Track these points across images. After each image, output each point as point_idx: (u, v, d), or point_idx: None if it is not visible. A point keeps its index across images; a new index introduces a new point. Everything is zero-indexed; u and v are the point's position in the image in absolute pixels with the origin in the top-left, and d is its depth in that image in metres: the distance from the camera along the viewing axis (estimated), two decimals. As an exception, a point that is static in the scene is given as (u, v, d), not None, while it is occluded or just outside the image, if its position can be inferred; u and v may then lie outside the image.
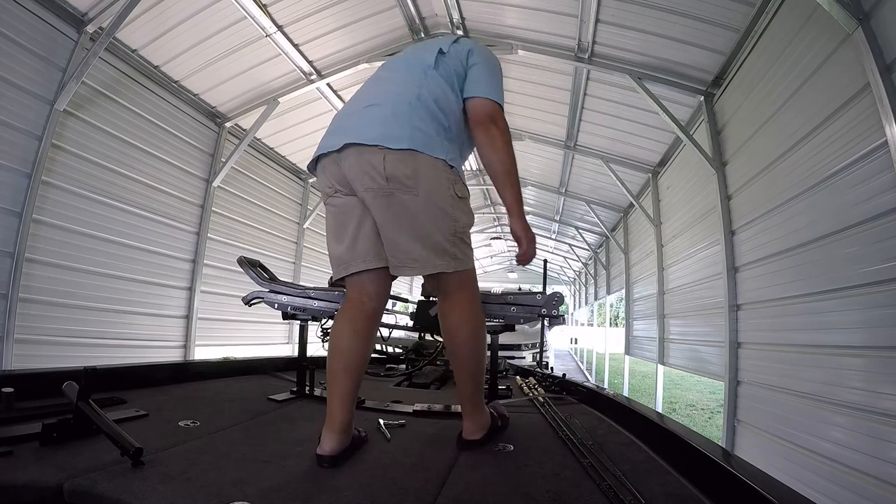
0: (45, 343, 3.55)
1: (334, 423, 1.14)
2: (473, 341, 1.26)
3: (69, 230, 3.73)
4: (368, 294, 1.27)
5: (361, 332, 1.24)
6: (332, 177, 1.24)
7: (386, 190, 1.16)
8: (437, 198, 1.19)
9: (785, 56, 2.91)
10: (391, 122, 1.18)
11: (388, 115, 1.19)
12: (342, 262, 1.27)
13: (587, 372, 12.74)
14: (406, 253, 1.20)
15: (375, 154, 1.16)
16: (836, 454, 2.39)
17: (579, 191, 8.00)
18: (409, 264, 1.21)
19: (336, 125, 1.28)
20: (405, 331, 3.54)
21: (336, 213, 1.28)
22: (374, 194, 1.17)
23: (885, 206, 2.13)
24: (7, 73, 3.17)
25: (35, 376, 1.52)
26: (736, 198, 3.71)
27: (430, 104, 1.21)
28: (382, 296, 1.30)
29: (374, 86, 1.33)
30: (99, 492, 0.86)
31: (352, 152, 1.18)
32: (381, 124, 1.18)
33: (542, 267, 3.46)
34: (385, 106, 1.22)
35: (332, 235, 1.30)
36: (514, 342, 6.68)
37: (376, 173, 1.16)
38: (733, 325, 3.67)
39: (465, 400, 1.29)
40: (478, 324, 1.29)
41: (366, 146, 1.17)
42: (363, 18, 4.57)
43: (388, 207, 1.18)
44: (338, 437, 1.13)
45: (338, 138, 1.21)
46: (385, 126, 1.18)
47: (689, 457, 1.06)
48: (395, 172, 1.15)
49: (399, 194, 1.16)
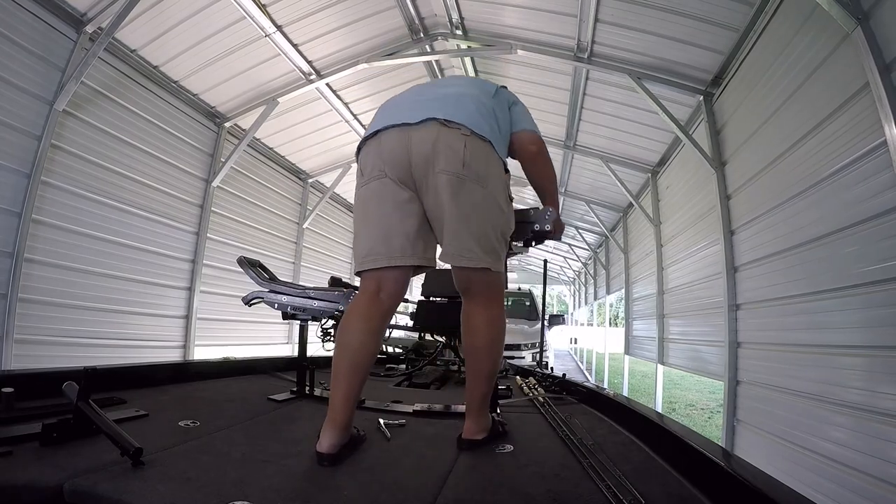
0: (44, 343, 3.55)
1: (335, 421, 1.13)
2: (494, 344, 1.27)
3: (68, 230, 3.73)
4: (388, 292, 1.24)
5: (375, 330, 1.22)
6: (388, 156, 1.20)
7: (460, 175, 1.16)
8: (498, 195, 1.24)
9: (784, 55, 2.91)
10: (475, 113, 1.23)
11: (472, 106, 1.25)
12: (373, 254, 1.22)
13: (587, 372, 12.74)
14: (463, 243, 1.19)
15: (457, 137, 1.17)
16: (836, 454, 2.39)
17: (579, 191, 8.00)
18: (465, 254, 1.19)
19: (407, 102, 1.28)
20: (405, 331, 3.55)
21: (377, 201, 1.22)
22: (444, 177, 1.16)
23: (884, 205, 2.13)
24: (6, 73, 3.17)
25: (35, 376, 1.52)
26: (735, 197, 3.71)
27: (498, 115, 1.32)
28: (401, 294, 1.28)
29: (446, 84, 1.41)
30: (99, 492, 0.86)
31: (431, 129, 1.17)
32: (465, 111, 1.22)
33: (542, 267, 3.46)
34: (468, 98, 1.27)
35: (365, 223, 1.25)
36: (514, 342, 6.68)
37: (455, 157, 1.16)
38: (733, 325, 3.67)
39: (473, 400, 1.28)
40: (501, 327, 1.29)
41: (451, 125, 1.18)
42: (363, 18, 4.57)
43: (457, 195, 1.16)
44: (338, 435, 1.12)
45: (416, 113, 1.19)
46: (470, 114, 1.22)
47: (689, 457, 1.06)
48: (473, 160, 1.17)
49: (470, 183, 1.17)
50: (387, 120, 1.23)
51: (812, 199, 2.69)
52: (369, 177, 1.23)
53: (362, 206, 1.26)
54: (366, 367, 1.20)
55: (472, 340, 1.27)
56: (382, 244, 1.21)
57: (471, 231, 1.19)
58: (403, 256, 1.21)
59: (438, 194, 1.17)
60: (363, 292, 1.26)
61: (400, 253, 1.21)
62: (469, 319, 1.27)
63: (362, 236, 1.25)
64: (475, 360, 1.27)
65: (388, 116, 1.25)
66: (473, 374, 1.28)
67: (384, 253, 1.21)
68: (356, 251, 1.27)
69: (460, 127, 1.18)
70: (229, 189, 5.67)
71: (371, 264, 1.22)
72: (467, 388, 1.30)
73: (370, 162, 1.23)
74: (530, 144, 1.41)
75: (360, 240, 1.26)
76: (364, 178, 1.25)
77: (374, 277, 1.24)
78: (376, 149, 1.22)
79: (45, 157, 3.43)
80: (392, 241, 1.21)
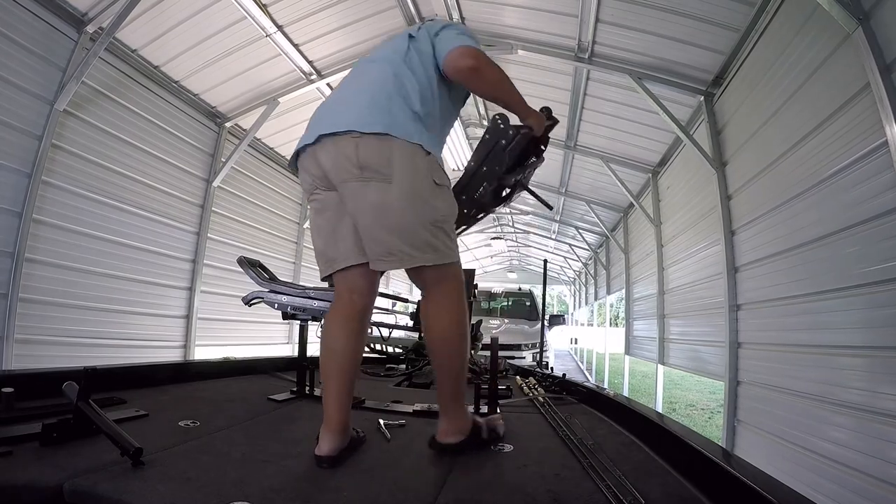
0: (45, 343, 3.55)
1: (331, 424, 1.14)
2: (454, 338, 1.21)
3: (69, 230, 3.73)
4: (359, 291, 1.25)
5: (354, 331, 1.22)
6: (311, 173, 1.23)
7: (360, 178, 1.13)
8: (414, 185, 1.15)
9: (785, 56, 2.91)
10: (366, 109, 1.16)
11: (363, 102, 1.18)
12: (327, 260, 1.26)
13: (587, 372, 12.74)
14: (383, 245, 1.15)
15: (348, 142, 1.14)
16: (837, 454, 2.39)
17: (579, 191, 7.99)
18: (385, 258, 1.16)
19: (312, 120, 1.26)
20: (405, 331, 3.55)
21: (318, 210, 1.26)
22: (349, 185, 1.15)
23: (885, 205, 2.12)
24: (7, 73, 3.17)
25: (35, 376, 1.52)
26: (736, 198, 3.71)
27: (405, 90, 1.20)
28: (372, 291, 1.28)
29: (351, 79, 1.33)
30: (99, 492, 0.86)
31: (327, 144, 1.16)
32: (356, 112, 1.16)
33: (542, 267, 3.46)
34: (362, 94, 1.21)
35: (315, 233, 1.29)
36: (514, 342, 6.68)
37: (349, 162, 1.13)
38: (733, 325, 3.66)
39: (441, 399, 1.24)
40: (459, 319, 1.21)
41: (339, 134, 1.15)
42: (363, 18, 4.57)
43: (363, 197, 1.14)
44: (336, 438, 1.12)
45: (312, 131, 1.19)
46: (360, 113, 1.16)
47: (689, 457, 1.06)
48: (369, 159, 1.12)
49: (374, 183, 1.13)
50: (300, 140, 1.25)
51: (813, 200, 2.69)
52: (307, 193, 1.29)
53: (311, 219, 1.32)
54: (352, 369, 1.21)
55: (431, 335, 1.23)
56: (332, 248, 1.25)
57: (392, 231, 1.14)
58: (352, 256, 1.22)
59: (350, 203, 1.17)
60: (336, 297, 1.28)
61: (347, 253, 1.22)
62: (426, 315, 1.24)
63: (316, 245, 1.29)
64: (436, 356, 1.24)
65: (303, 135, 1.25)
66: (437, 370, 1.26)
67: (335, 255, 1.24)
68: (317, 262, 1.31)
69: (348, 133, 1.14)
70: (230, 189, 5.67)
71: (329, 269, 1.26)
72: (437, 389, 1.27)
73: (304, 179, 1.28)
74: (462, 60, 1.24)
75: (316, 249, 1.30)
76: (306, 194, 1.32)
77: (341, 280, 1.26)
78: (301, 168, 1.27)
79: (46, 157, 3.43)
80: (339, 243, 1.23)
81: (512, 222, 12.73)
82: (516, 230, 13.43)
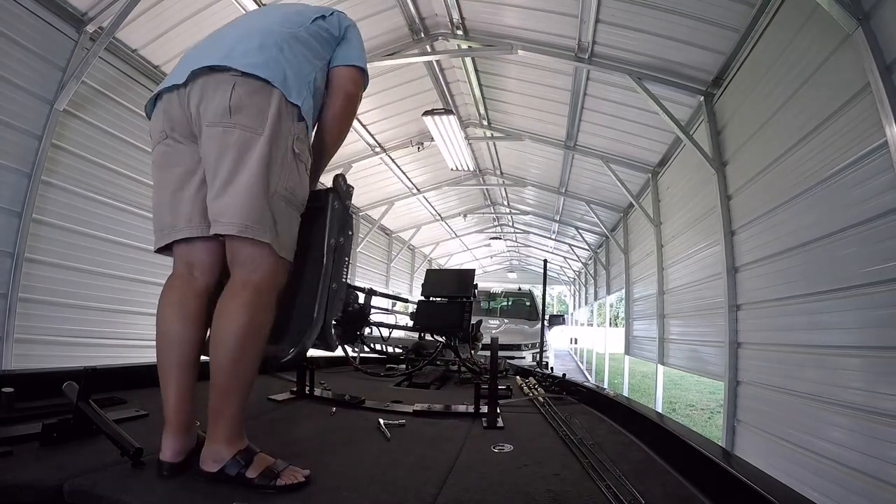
0: (45, 343, 3.55)
1: (173, 426, 0.98)
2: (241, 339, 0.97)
3: (69, 230, 3.73)
4: (200, 267, 1.07)
5: (192, 315, 1.03)
6: (169, 118, 1.07)
7: (225, 125, 0.99)
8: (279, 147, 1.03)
9: (785, 56, 2.91)
10: (256, 50, 1.06)
11: (253, 44, 1.08)
12: (164, 227, 1.07)
13: (587, 372, 12.74)
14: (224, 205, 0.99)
15: (225, 80, 1.01)
16: (836, 454, 2.39)
17: (579, 191, 8.00)
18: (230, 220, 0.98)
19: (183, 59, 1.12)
20: (405, 331, 3.55)
21: (164, 164, 1.08)
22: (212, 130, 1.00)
23: (885, 206, 2.12)
24: (7, 72, 3.17)
25: (35, 376, 1.52)
26: (736, 198, 3.71)
27: (301, 50, 1.13)
28: (217, 268, 1.08)
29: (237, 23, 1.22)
30: (99, 492, 0.86)
31: (199, 82, 1.03)
32: (241, 49, 1.06)
33: (542, 267, 3.46)
34: (251, 37, 1.10)
35: (156, 191, 1.10)
36: (513, 342, 6.68)
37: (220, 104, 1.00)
38: (733, 325, 3.67)
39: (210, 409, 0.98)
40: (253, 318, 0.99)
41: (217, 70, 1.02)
42: (363, 18, 4.57)
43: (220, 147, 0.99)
44: (180, 441, 0.98)
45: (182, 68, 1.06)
46: (246, 51, 1.06)
47: (689, 457, 1.07)
48: (242, 104, 1.00)
49: (238, 132, 1.00)
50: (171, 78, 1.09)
51: (813, 200, 2.69)
52: (155, 140, 1.11)
53: (154, 175, 1.11)
54: (191, 361, 1.02)
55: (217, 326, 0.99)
56: (171, 212, 1.05)
57: (237, 191, 0.98)
58: (194, 223, 1.03)
59: (205, 151, 1.02)
60: (173, 274, 1.08)
61: (189, 219, 1.03)
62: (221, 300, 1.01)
63: (154, 209, 1.09)
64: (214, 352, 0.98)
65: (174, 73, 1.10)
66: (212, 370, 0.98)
67: (174, 222, 1.04)
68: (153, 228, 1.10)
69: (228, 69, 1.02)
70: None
71: (165, 239, 1.06)
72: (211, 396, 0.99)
73: (156, 125, 1.10)
74: (352, 83, 1.21)
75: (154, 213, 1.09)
76: (151, 142, 1.12)
77: (179, 253, 1.07)
78: (158, 111, 1.10)
79: (46, 157, 3.42)
80: (181, 207, 1.04)
81: (512, 222, 12.74)
82: (516, 230, 13.43)
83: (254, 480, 0.93)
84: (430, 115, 5.26)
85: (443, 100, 6.25)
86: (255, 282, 1.02)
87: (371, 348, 3.21)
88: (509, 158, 8.28)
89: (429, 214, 10.84)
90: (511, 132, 6.82)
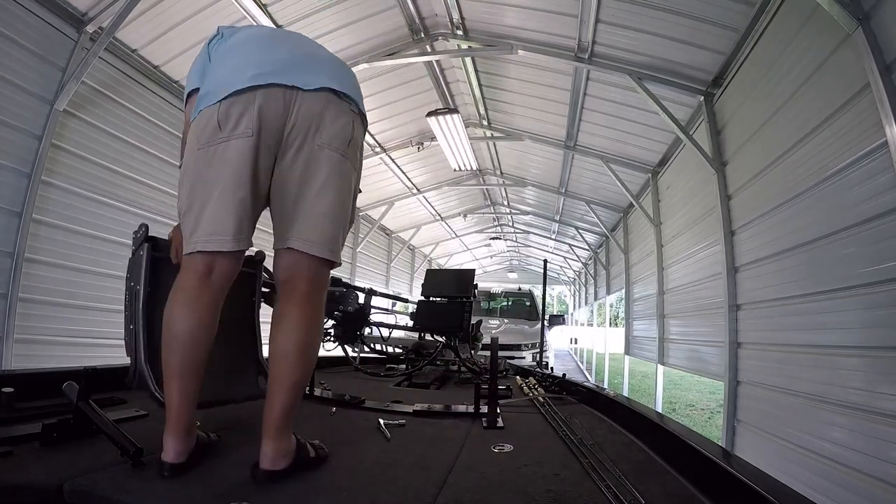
0: (45, 343, 3.55)
1: (177, 426, 0.98)
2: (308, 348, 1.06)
3: (69, 230, 3.73)
4: (222, 272, 1.05)
5: (207, 318, 1.04)
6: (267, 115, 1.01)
7: (344, 154, 1.08)
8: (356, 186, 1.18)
9: (785, 56, 2.91)
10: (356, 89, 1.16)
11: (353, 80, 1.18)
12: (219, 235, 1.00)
13: (587, 372, 12.74)
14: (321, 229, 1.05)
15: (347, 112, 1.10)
16: (836, 454, 2.39)
17: (579, 191, 8.00)
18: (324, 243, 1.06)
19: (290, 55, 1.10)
20: (405, 331, 3.55)
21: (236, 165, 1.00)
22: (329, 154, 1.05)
23: (884, 206, 2.12)
24: (7, 72, 3.17)
25: (35, 376, 1.52)
26: (736, 198, 3.71)
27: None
28: (235, 273, 1.11)
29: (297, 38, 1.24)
30: (99, 492, 0.86)
31: (322, 98, 1.06)
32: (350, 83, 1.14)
33: (542, 267, 3.46)
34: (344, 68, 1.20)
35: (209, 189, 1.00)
36: (514, 342, 6.68)
37: (343, 133, 1.07)
38: (733, 325, 3.67)
39: (273, 417, 1.01)
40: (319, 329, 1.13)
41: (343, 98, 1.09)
42: (363, 18, 4.57)
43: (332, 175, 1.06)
44: (182, 442, 0.99)
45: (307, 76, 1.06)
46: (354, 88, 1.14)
47: (689, 457, 1.06)
48: (357, 142, 1.10)
49: (348, 165, 1.10)
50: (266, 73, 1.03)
51: (812, 200, 2.69)
52: (232, 133, 1.00)
53: (210, 168, 1.01)
54: (200, 361, 1.03)
55: (285, 341, 1.02)
56: (233, 222, 1.00)
57: (331, 218, 1.06)
58: (248, 239, 1.05)
59: (311, 169, 1.03)
60: (191, 272, 1.03)
61: (247, 235, 1.05)
62: (283, 317, 1.05)
63: (204, 207, 1.00)
64: (284, 365, 1.02)
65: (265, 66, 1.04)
66: (278, 382, 1.01)
67: (233, 234, 1.01)
68: (188, 222, 1.03)
69: (350, 102, 1.11)
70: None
71: (217, 246, 1.00)
72: (267, 402, 1.02)
73: (236, 115, 1.00)
74: None
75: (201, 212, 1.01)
76: (222, 134, 1.00)
77: (206, 259, 1.03)
78: (250, 104, 1.01)
79: (46, 157, 3.42)
80: (243, 221, 1.02)
81: (512, 222, 12.74)
82: (516, 230, 13.44)
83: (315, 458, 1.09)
84: (433, 116, 5.26)
85: (443, 100, 6.25)
86: (317, 295, 1.10)
87: (371, 348, 3.21)
88: (509, 158, 8.28)
89: (429, 214, 10.84)
90: (511, 132, 6.82)
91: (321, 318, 1.15)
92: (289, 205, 1.05)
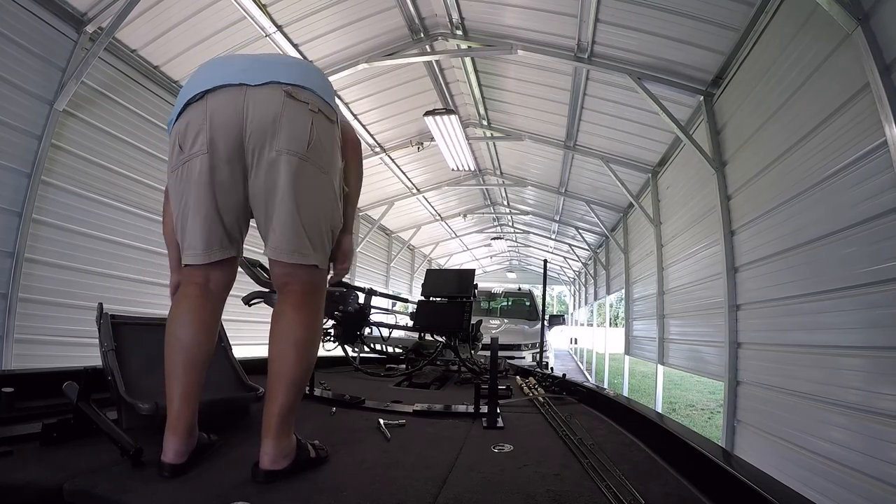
0: (45, 343, 3.55)
1: (178, 427, 1.00)
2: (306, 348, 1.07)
3: (69, 230, 3.73)
4: (217, 281, 1.12)
5: (207, 322, 1.09)
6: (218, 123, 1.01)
7: (303, 157, 1.03)
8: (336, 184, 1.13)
9: (784, 56, 2.91)
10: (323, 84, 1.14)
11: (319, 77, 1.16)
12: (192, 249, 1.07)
13: (587, 372, 12.74)
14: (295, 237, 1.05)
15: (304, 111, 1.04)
16: (836, 454, 2.39)
17: (579, 191, 8.00)
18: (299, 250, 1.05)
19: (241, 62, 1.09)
20: (405, 331, 3.55)
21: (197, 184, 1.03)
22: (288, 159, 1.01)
23: (884, 206, 2.13)
24: (7, 72, 3.17)
25: (35, 376, 1.52)
26: (736, 198, 3.71)
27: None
28: (230, 281, 1.16)
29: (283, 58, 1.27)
30: (99, 492, 0.86)
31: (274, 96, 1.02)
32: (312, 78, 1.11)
33: (542, 267, 3.46)
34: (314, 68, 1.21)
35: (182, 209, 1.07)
36: (514, 342, 6.68)
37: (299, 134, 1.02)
38: (733, 325, 3.67)
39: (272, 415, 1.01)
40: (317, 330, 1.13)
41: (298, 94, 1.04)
42: (363, 18, 4.57)
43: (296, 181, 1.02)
44: (182, 442, 1.00)
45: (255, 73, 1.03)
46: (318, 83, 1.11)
47: (689, 457, 1.07)
48: (318, 141, 1.04)
49: (311, 167, 1.04)
50: (216, 79, 1.03)
51: (812, 200, 2.69)
52: (190, 153, 1.03)
53: (179, 190, 1.06)
54: (202, 364, 1.07)
55: (283, 342, 1.04)
56: (201, 237, 1.06)
57: (304, 223, 1.05)
58: (222, 250, 1.09)
59: (272, 177, 1.02)
60: (190, 283, 1.11)
61: (219, 246, 1.08)
62: (281, 319, 1.07)
63: (185, 224, 1.07)
64: (282, 364, 1.03)
65: (215, 75, 1.05)
66: (277, 380, 1.02)
67: (202, 249, 1.06)
68: (179, 238, 1.11)
69: (308, 99, 1.05)
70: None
71: (191, 260, 1.08)
72: (267, 402, 1.03)
73: (193, 132, 1.02)
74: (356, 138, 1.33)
75: (183, 229, 1.08)
76: (184, 154, 1.04)
77: (200, 268, 1.09)
78: (202, 115, 1.02)
79: (46, 157, 3.42)
80: (211, 235, 1.07)
81: (512, 222, 12.75)
82: (516, 230, 13.44)
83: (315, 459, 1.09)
84: (431, 116, 5.26)
85: (442, 100, 6.25)
86: (313, 297, 1.11)
87: (371, 348, 3.21)
88: (509, 158, 8.28)
89: (429, 214, 10.84)
90: (511, 132, 6.82)
91: (319, 318, 1.15)
92: (261, 214, 1.08)
